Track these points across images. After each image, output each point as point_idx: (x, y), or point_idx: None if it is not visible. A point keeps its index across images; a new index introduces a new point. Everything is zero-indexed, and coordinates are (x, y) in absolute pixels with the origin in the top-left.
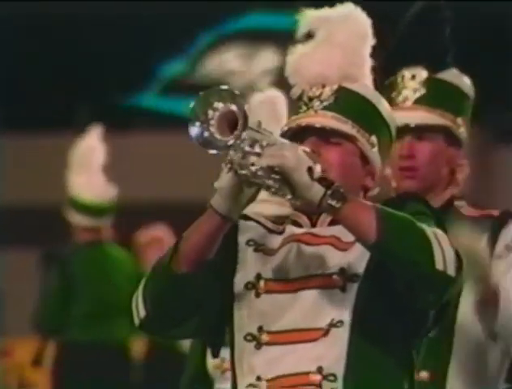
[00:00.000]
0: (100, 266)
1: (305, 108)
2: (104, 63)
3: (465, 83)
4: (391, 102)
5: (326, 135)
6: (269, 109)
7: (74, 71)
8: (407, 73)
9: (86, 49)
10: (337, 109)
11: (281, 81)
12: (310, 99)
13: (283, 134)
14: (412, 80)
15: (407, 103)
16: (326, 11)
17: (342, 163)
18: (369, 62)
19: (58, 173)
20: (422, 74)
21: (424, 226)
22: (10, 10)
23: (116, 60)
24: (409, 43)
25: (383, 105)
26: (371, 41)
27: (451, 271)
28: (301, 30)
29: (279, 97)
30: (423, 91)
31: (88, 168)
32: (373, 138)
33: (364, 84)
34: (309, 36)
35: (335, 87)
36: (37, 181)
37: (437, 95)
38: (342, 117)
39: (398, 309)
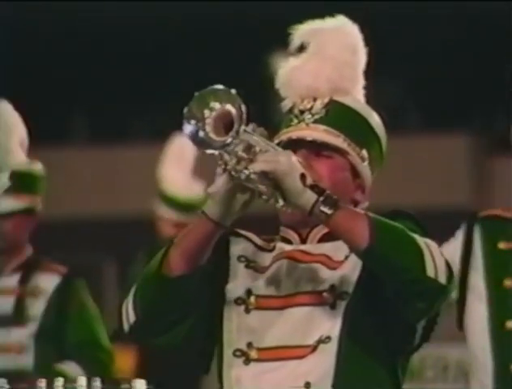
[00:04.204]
0: None
1: (296, 121)
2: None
3: None
4: None
5: (316, 148)
6: None
7: (74, 83)
8: None
9: (86, 61)
10: (328, 122)
11: None
12: (301, 112)
13: None
14: None
15: None
16: (318, 24)
17: (332, 176)
18: (361, 75)
19: (57, 186)
20: None
21: (415, 235)
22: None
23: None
24: None
25: (374, 119)
26: (363, 54)
27: (442, 280)
28: (294, 43)
29: None
30: None
31: (181, 163)
32: (364, 152)
33: (355, 98)
34: (302, 48)
35: (326, 100)
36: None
37: None
38: (334, 131)
39: (386, 326)
